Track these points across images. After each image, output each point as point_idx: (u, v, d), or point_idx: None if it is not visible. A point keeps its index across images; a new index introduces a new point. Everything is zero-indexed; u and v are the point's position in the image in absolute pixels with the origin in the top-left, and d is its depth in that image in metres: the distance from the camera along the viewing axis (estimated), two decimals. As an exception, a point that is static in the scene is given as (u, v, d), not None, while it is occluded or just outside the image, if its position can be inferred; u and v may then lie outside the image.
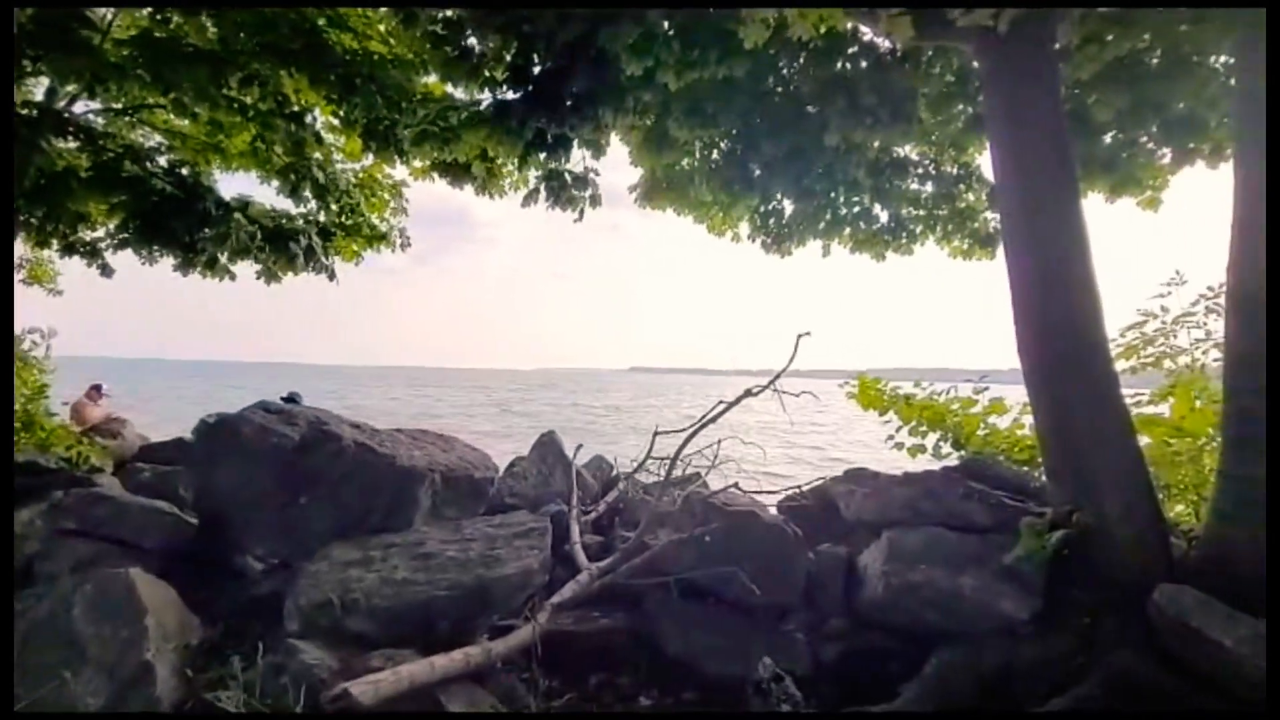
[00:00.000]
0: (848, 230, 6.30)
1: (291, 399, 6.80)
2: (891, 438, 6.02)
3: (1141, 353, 5.11)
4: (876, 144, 5.47)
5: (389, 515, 4.21)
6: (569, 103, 4.37)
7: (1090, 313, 3.04)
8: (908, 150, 6.01)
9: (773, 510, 4.76)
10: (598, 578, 3.79)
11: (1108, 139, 5.25)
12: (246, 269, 7.41)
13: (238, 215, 6.82)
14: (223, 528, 4.38)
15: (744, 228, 7.02)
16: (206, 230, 6.71)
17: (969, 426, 5.41)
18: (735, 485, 4.39)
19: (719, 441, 5.18)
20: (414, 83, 5.73)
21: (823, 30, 4.29)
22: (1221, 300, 4.21)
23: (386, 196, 7.95)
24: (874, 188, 5.99)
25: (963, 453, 5.40)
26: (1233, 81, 3.74)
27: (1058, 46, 4.17)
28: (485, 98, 4.80)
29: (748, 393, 4.67)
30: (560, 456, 5.76)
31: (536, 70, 4.41)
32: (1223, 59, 4.32)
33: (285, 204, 7.45)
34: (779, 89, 5.51)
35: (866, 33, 4.74)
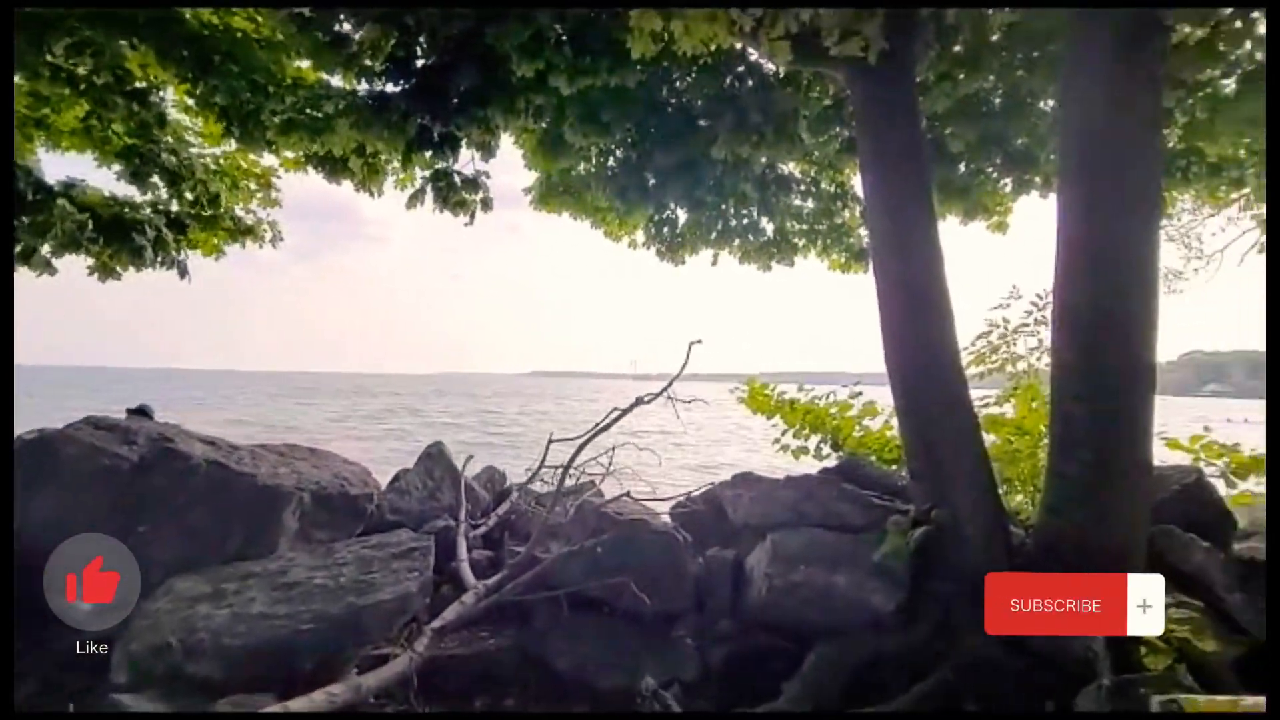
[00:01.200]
0: (737, 241, 6.54)
1: (141, 411, 5.99)
2: (778, 440, 6.32)
3: (989, 359, 5.73)
4: (763, 160, 5.71)
5: (248, 541, 3.81)
6: (455, 100, 4.18)
7: (944, 325, 3.33)
8: (792, 168, 6.33)
9: (665, 517, 4.81)
10: (484, 597, 3.63)
11: (961, 168, 5.81)
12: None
13: (62, 201, 5.90)
14: (40, 565, 3.75)
15: (640, 234, 7.09)
16: (23, 218, 5.76)
17: (845, 429, 5.77)
18: (627, 494, 4.39)
19: (613, 449, 5.17)
20: (284, 66, 5.25)
21: (712, 48, 4.42)
22: (1047, 312, 4.77)
23: (254, 186, 7.23)
24: (761, 202, 6.25)
25: (841, 454, 5.77)
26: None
27: (919, 80, 4.57)
28: (364, 88, 4.49)
29: (639, 400, 4.69)
30: (449, 469, 5.49)
31: (419, 64, 4.19)
32: (1050, 103, 4.91)
33: (131, 190, 6.58)
34: (672, 101, 5.62)
35: (753, 53, 4.95)
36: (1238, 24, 3.16)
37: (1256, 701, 1.89)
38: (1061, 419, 2.85)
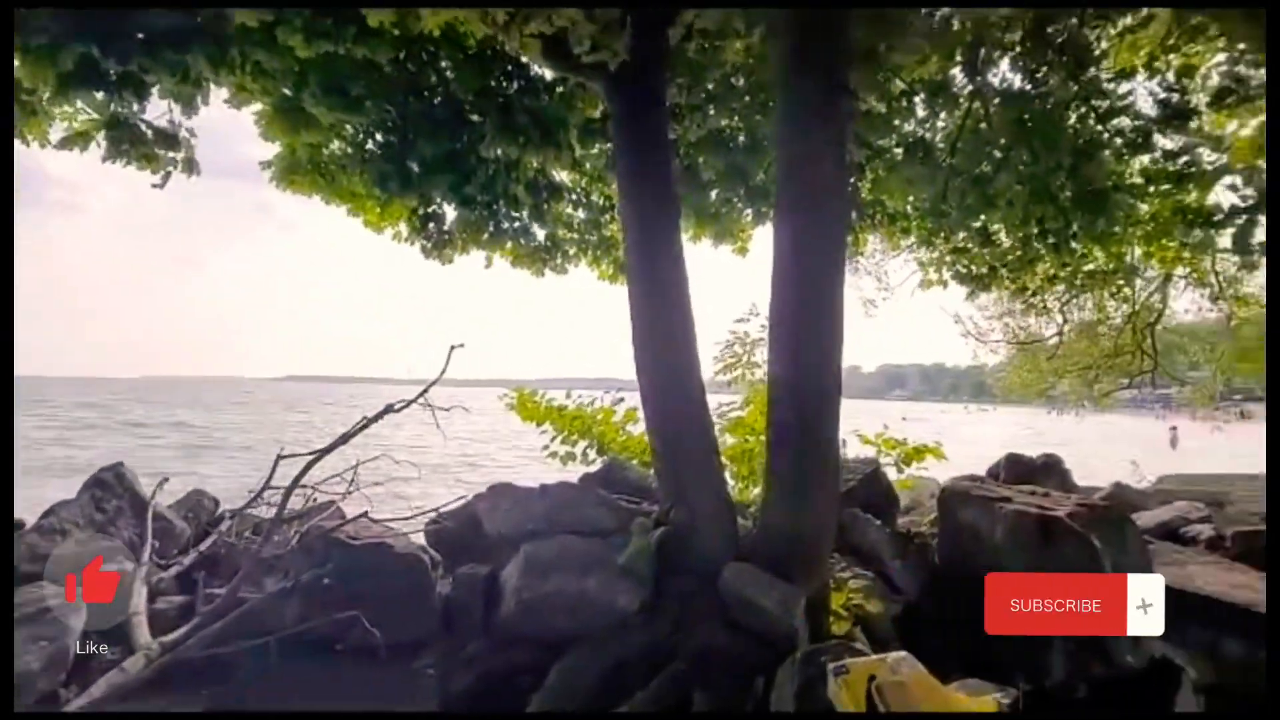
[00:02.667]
0: (510, 244, 6.37)
1: None
2: (547, 447, 6.30)
3: (734, 368, 6.43)
4: (535, 164, 5.64)
5: None
6: (140, 35, 3.34)
7: (686, 335, 3.57)
8: (565, 176, 6.38)
9: (419, 536, 4.43)
10: (160, 655, 2.91)
11: (714, 195, 6.41)
12: None
13: None
14: None
15: (404, 227, 6.53)
16: None
17: (609, 435, 5.97)
18: (365, 514, 3.92)
19: (357, 464, 4.60)
20: None
21: (471, 36, 4.23)
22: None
23: None
24: (533, 207, 6.17)
25: (606, 458, 5.94)
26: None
27: (676, 108, 4.91)
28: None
29: (389, 409, 4.26)
30: (131, 496, 4.37)
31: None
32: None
33: None
34: (440, 89, 5.27)
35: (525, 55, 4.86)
36: (904, 103, 3.93)
37: (899, 655, 2.27)
38: (774, 424, 3.24)
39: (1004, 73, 4.76)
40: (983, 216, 5.23)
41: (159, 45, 3.41)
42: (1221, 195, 5.16)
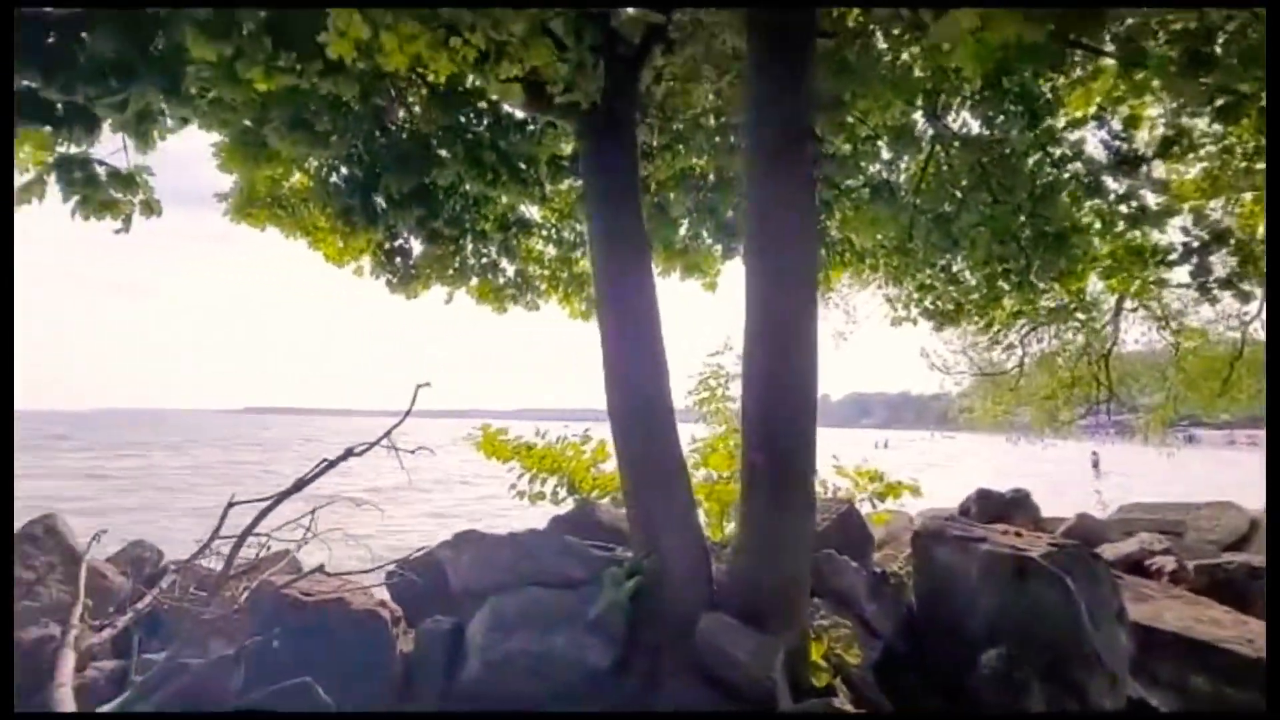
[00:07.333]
0: (475, 280, 6.27)
1: None
2: (514, 485, 6.12)
3: (710, 402, 6.39)
4: (504, 199, 5.60)
5: None
6: (83, 60, 3.19)
7: (658, 374, 3.50)
8: (535, 211, 6.34)
9: (381, 590, 4.21)
10: (86, 736, 2.64)
11: (683, 230, 6.44)
12: None
13: None
14: None
15: (366, 261, 6.39)
16: None
17: (579, 472, 5.83)
18: (320, 568, 3.69)
19: (314, 511, 4.35)
20: None
21: (442, 79, 4.20)
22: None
23: None
24: (502, 243, 6.11)
25: (577, 497, 5.79)
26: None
27: (647, 148, 4.94)
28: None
29: (349, 453, 4.07)
30: (64, 551, 4.06)
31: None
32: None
33: None
34: (407, 124, 5.23)
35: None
36: (869, 145, 4.00)
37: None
38: (747, 466, 3.17)
39: (964, 118, 4.94)
40: (947, 255, 5.36)
41: (104, 72, 3.26)
42: (1174, 234, 5.41)
